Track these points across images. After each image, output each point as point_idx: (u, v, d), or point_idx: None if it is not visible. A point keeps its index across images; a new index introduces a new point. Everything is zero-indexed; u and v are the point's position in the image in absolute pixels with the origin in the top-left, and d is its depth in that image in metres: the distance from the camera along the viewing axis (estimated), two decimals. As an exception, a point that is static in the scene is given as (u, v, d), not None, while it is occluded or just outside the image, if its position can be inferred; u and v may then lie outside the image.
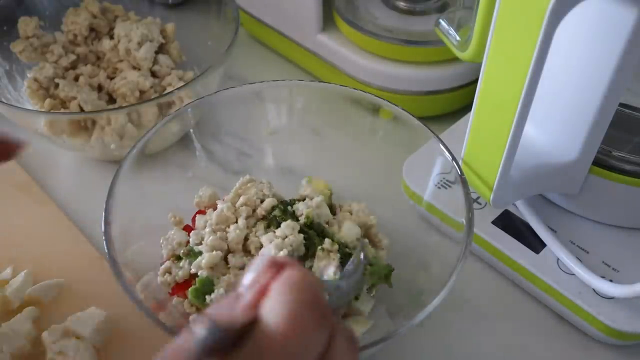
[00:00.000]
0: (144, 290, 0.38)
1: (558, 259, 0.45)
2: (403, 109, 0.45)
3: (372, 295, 0.42)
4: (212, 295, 0.40)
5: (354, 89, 0.47)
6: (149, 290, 0.40)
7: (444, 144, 0.43)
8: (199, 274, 0.40)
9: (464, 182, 0.41)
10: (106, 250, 0.37)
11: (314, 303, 0.23)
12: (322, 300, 0.24)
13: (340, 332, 0.25)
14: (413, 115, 0.45)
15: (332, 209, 0.46)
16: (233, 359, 0.21)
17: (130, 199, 0.42)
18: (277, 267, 0.24)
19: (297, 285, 0.23)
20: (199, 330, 0.21)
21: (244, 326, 0.22)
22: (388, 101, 0.46)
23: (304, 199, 0.44)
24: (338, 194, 0.48)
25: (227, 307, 0.24)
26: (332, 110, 0.50)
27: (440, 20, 0.48)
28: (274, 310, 0.23)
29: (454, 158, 0.42)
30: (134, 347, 0.43)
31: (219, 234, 0.42)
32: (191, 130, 0.50)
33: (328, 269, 0.38)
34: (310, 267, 0.40)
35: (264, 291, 0.24)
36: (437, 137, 0.44)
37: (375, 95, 0.46)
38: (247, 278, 0.25)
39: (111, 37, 0.63)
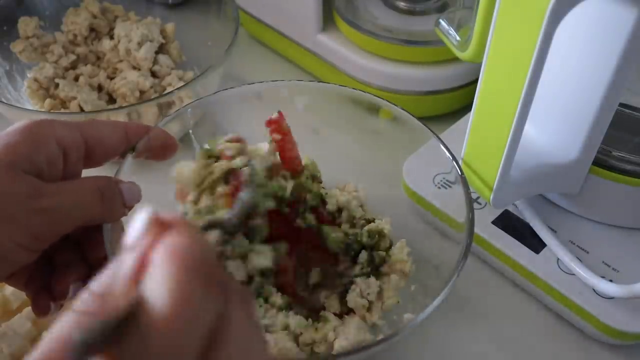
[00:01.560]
0: None
1: (558, 259, 0.45)
2: (403, 109, 0.45)
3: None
4: None
5: (354, 89, 0.47)
6: None
7: (444, 144, 0.43)
8: None
9: (464, 181, 0.41)
10: (106, 252, 0.37)
11: (201, 271, 0.21)
12: (211, 267, 0.21)
13: (235, 300, 0.22)
14: (413, 115, 0.45)
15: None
16: (118, 353, 0.19)
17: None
18: (160, 227, 0.22)
19: (180, 253, 0.21)
20: (76, 330, 0.19)
21: (127, 312, 0.19)
22: (388, 101, 0.46)
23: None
24: (338, 194, 0.48)
25: (109, 278, 0.21)
26: (332, 110, 0.49)
27: (440, 20, 0.48)
28: (156, 288, 0.20)
29: (454, 158, 0.42)
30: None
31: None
32: (191, 131, 0.50)
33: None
34: None
35: (144, 259, 0.21)
36: (437, 137, 0.44)
37: (375, 95, 0.46)
38: (129, 238, 0.22)
39: (111, 37, 0.63)
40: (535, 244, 0.46)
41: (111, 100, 0.61)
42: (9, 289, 0.45)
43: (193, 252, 0.21)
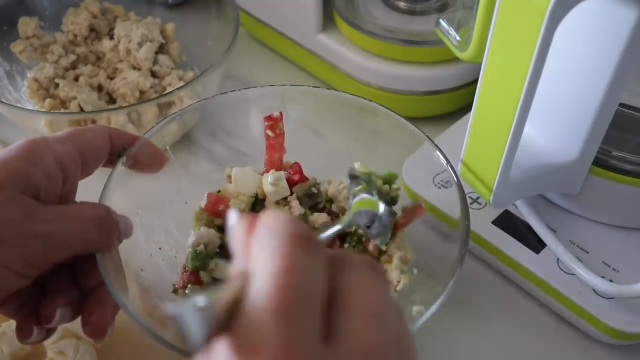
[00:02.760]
0: (143, 294, 0.38)
1: (558, 259, 0.45)
2: (399, 114, 0.45)
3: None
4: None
5: (353, 94, 0.47)
6: (148, 293, 0.39)
7: (440, 150, 0.43)
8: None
9: (460, 189, 0.40)
10: (104, 281, 0.35)
11: (298, 237, 0.22)
12: (305, 231, 0.22)
13: (350, 260, 0.23)
14: (409, 120, 0.45)
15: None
16: (237, 329, 0.20)
17: (127, 200, 0.41)
18: (248, 218, 0.23)
19: (273, 226, 0.22)
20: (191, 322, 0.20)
21: (237, 289, 0.20)
22: (385, 107, 0.46)
23: None
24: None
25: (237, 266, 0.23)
26: (332, 111, 0.50)
27: (440, 20, 0.48)
28: (261, 261, 0.21)
29: (449, 163, 0.42)
30: (134, 347, 0.43)
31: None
32: (191, 130, 0.50)
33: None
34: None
35: (247, 243, 0.22)
36: (433, 142, 0.44)
37: (374, 102, 0.46)
38: (231, 241, 0.24)
39: (111, 37, 0.63)
40: (535, 244, 0.46)
41: (111, 100, 0.61)
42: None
43: (284, 222, 0.22)
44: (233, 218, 0.24)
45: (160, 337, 0.33)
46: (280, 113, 0.46)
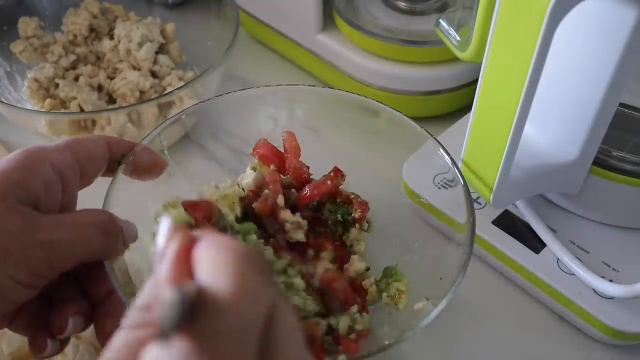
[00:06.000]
0: None
1: (558, 259, 0.45)
2: (402, 113, 0.45)
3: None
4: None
5: (354, 93, 0.47)
6: None
7: (443, 148, 0.43)
8: None
9: (466, 188, 0.40)
10: (114, 288, 0.35)
11: (251, 257, 0.22)
12: (255, 254, 0.22)
13: (280, 292, 0.23)
14: (412, 120, 0.45)
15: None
16: (193, 332, 0.19)
17: (129, 200, 0.41)
18: (184, 234, 0.23)
19: (228, 245, 0.22)
20: (166, 301, 0.20)
21: (191, 297, 0.20)
22: (387, 105, 0.46)
23: None
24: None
25: (150, 291, 0.22)
26: (332, 111, 0.49)
27: (440, 20, 0.48)
28: (215, 275, 0.21)
29: (454, 162, 0.42)
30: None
31: None
32: (191, 130, 0.50)
33: None
34: None
35: (181, 260, 0.22)
36: (437, 141, 0.43)
37: (376, 100, 0.46)
38: (156, 248, 0.23)
39: (111, 37, 0.63)
40: (535, 244, 0.46)
41: (111, 100, 0.61)
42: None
43: (239, 245, 0.22)
44: (166, 228, 0.23)
45: None
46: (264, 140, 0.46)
